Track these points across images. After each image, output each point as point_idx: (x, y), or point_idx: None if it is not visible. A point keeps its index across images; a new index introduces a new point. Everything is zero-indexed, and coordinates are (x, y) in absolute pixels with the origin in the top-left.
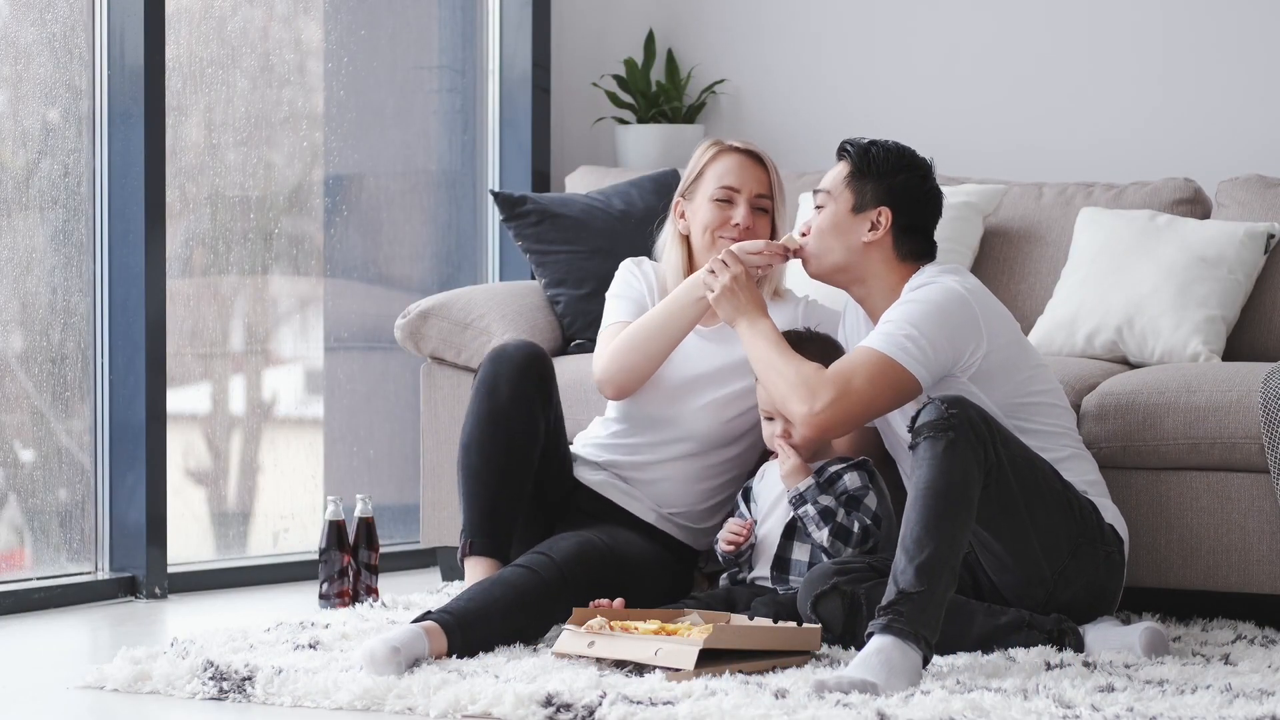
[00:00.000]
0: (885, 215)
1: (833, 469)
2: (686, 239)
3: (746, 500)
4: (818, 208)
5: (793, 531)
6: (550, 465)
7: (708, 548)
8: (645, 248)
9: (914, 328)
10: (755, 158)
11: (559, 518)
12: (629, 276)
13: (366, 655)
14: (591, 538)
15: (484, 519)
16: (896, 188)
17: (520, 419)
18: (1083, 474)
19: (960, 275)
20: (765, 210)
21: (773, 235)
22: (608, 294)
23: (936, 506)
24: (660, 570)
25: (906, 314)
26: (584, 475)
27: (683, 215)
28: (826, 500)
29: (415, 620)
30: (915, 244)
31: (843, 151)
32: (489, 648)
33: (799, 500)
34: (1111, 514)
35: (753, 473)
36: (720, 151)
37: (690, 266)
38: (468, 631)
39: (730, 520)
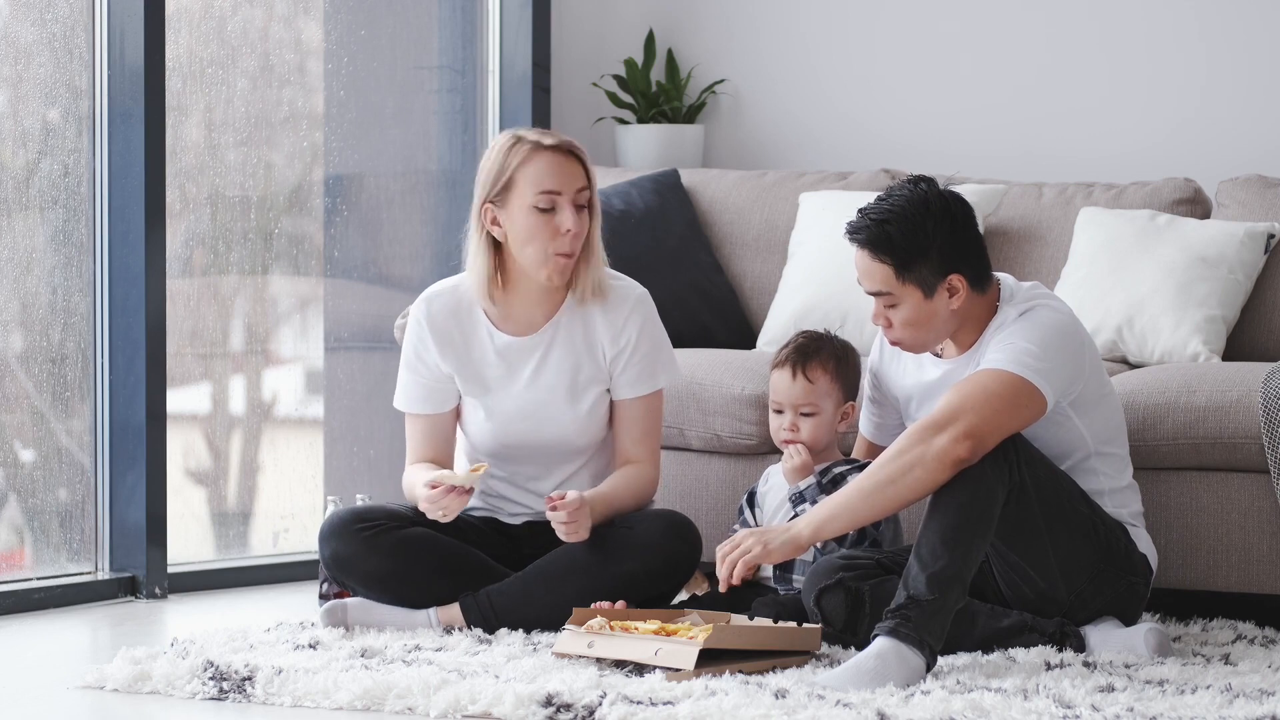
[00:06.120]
0: (958, 280)
1: (837, 470)
2: (496, 245)
3: (751, 504)
4: (889, 306)
5: None
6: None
7: None
8: (645, 247)
9: (1035, 346)
10: (568, 152)
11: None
12: (416, 341)
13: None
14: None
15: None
16: (946, 250)
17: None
18: (1134, 503)
19: (1055, 296)
20: (585, 205)
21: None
22: (402, 351)
23: (956, 519)
24: None
25: (1024, 334)
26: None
27: (495, 222)
28: (824, 499)
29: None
30: (983, 273)
31: (870, 246)
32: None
33: (798, 498)
34: (1145, 544)
35: (756, 476)
36: (532, 151)
37: (499, 276)
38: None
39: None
